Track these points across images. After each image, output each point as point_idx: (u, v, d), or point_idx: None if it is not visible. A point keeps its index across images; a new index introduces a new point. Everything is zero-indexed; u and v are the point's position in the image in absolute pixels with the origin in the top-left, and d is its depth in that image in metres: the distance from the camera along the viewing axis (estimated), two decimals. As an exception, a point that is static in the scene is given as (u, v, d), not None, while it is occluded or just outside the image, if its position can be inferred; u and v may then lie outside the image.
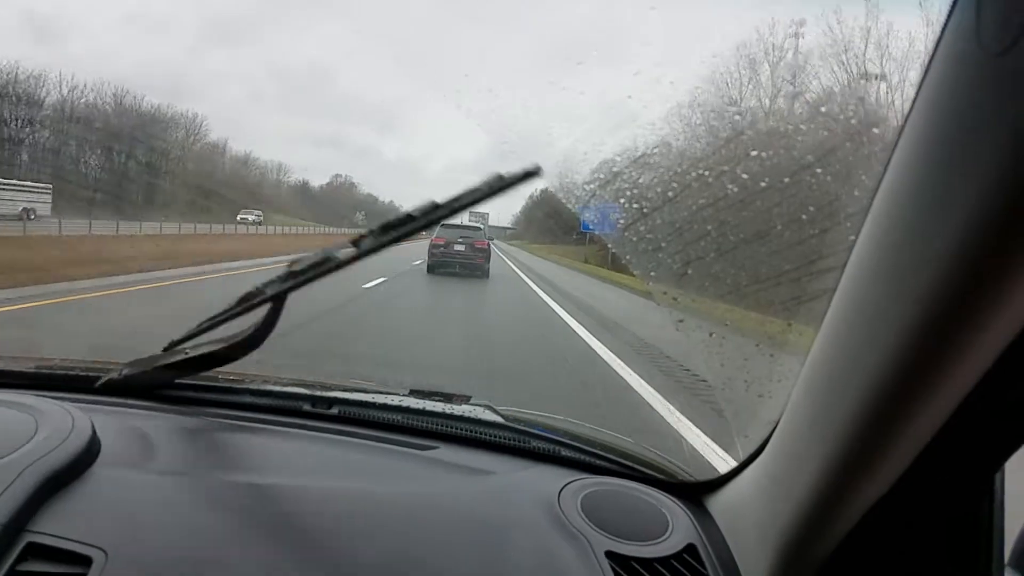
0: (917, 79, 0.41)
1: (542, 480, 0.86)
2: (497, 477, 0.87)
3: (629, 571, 0.70)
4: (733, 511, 0.76)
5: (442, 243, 16.58)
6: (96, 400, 0.95)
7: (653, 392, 4.72)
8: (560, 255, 37.76)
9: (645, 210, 1.40)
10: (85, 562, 0.59)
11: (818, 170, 0.83)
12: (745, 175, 1.14)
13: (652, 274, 1.11)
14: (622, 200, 1.51)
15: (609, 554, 0.71)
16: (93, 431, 0.74)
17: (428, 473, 0.87)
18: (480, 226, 19.61)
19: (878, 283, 0.45)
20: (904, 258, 0.42)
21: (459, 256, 16.37)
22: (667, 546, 0.74)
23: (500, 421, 1.00)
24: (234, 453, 0.89)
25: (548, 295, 12.73)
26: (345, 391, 1.08)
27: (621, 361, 5.88)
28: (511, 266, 22.93)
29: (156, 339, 0.97)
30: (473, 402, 1.05)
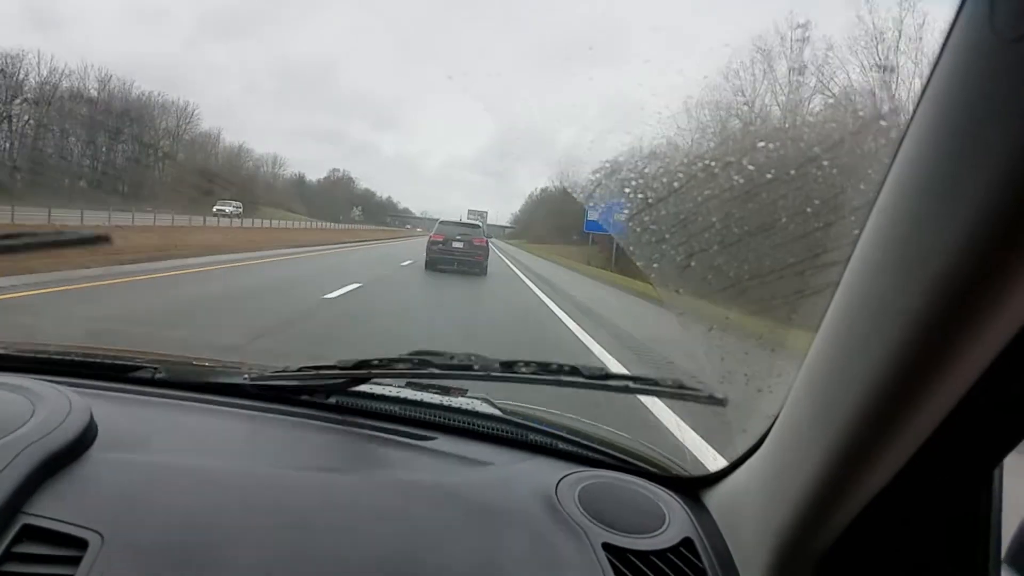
0: (928, 69, 0.41)
1: (540, 472, 0.86)
2: (495, 468, 0.87)
3: (625, 563, 0.70)
4: (730, 505, 0.76)
5: (440, 240, 16.42)
6: (93, 385, 0.95)
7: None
8: (561, 256, 36.87)
9: (650, 200, 1.39)
10: (81, 545, 0.59)
11: (824, 162, 0.82)
12: (752, 166, 1.12)
13: (655, 265, 1.10)
14: (627, 190, 1.50)
15: (606, 546, 0.71)
16: (90, 415, 0.74)
17: (426, 463, 0.87)
18: (479, 224, 19.57)
19: (883, 276, 0.45)
20: (910, 251, 0.42)
21: (457, 253, 16.16)
22: (664, 539, 0.74)
23: (498, 414, 1.00)
24: (231, 440, 0.89)
25: (575, 318, 8.97)
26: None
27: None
28: (517, 273, 18.90)
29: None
30: (470, 394, 1.05)
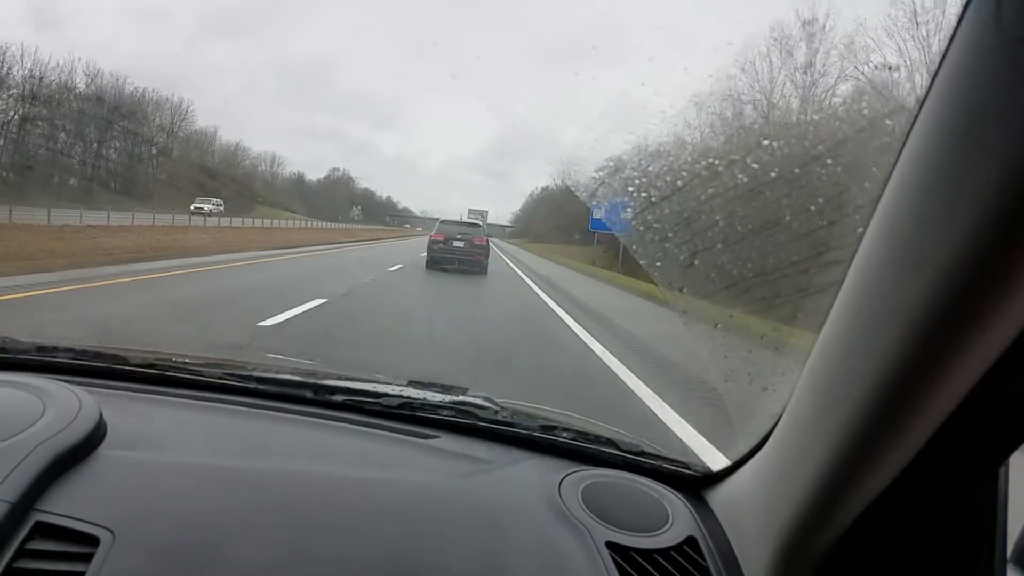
0: (933, 68, 0.41)
1: (543, 470, 0.86)
2: (498, 467, 0.87)
3: (629, 561, 0.70)
4: (734, 504, 0.76)
5: (441, 239, 16.35)
6: (103, 383, 0.95)
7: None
8: (564, 256, 35.80)
9: (653, 199, 1.38)
10: (93, 542, 0.60)
11: (828, 161, 0.82)
12: (755, 164, 1.12)
13: (658, 264, 1.10)
14: (630, 188, 1.50)
15: (609, 544, 0.71)
16: (100, 414, 0.75)
17: (429, 461, 0.88)
18: (479, 223, 19.57)
19: (886, 275, 0.45)
20: (913, 250, 0.42)
21: (458, 252, 16.11)
22: (667, 538, 0.74)
23: (500, 413, 1.00)
24: (239, 438, 0.89)
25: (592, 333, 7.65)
26: (347, 380, 1.09)
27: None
28: (529, 283, 15.93)
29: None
30: (471, 393, 1.05)
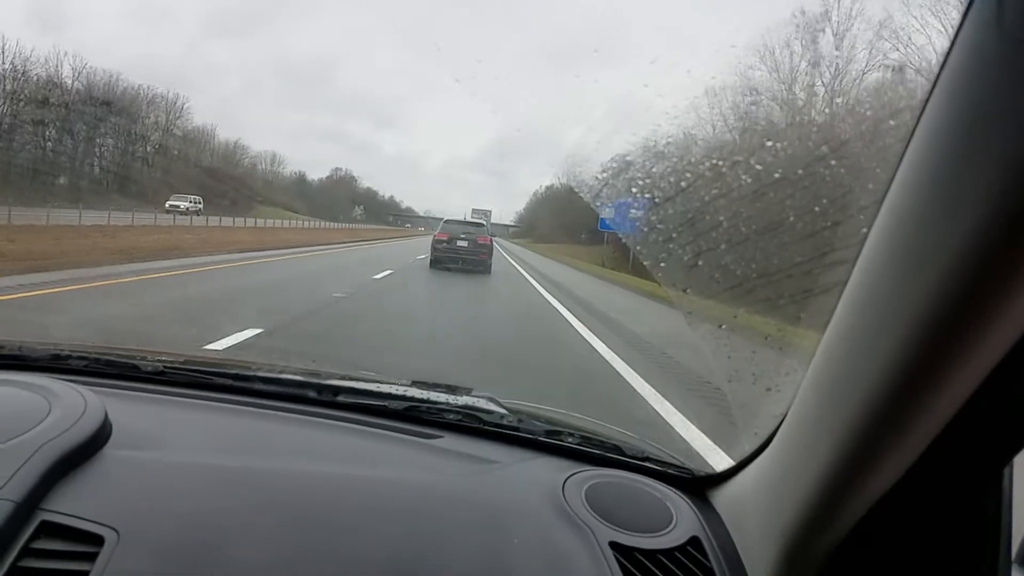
0: (936, 69, 0.41)
1: (546, 470, 0.86)
2: (501, 467, 0.88)
3: (633, 562, 0.70)
4: (737, 505, 0.76)
5: (445, 238, 16.33)
6: (108, 383, 0.96)
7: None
8: (572, 256, 34.87)
9: (657, 200, 1.39)
10: (98, 541, 0.60)
11: (832, 162, 0.82)
12: (759, 166, 1.12)
13: (662, 264, 1.11)
14: (634, 190, 1.50)
15: (613, 544, 0.71)
16: (105, 413, 0.75)
17: (433, 461, 0.88)
18: (483, 223, 19.53)
19: (890, 276, 0.45)
20: (917, 250, 0.42)
21: (462, 252, 16.10)
22: (671, 538, 0.74)
23: (504, 413, 1.00)
24: (243, 439, 0.90)
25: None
26: (351, 380, 1.09)
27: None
28: (544, 293, 13.18)
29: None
30: (475, 393, 1.06)
